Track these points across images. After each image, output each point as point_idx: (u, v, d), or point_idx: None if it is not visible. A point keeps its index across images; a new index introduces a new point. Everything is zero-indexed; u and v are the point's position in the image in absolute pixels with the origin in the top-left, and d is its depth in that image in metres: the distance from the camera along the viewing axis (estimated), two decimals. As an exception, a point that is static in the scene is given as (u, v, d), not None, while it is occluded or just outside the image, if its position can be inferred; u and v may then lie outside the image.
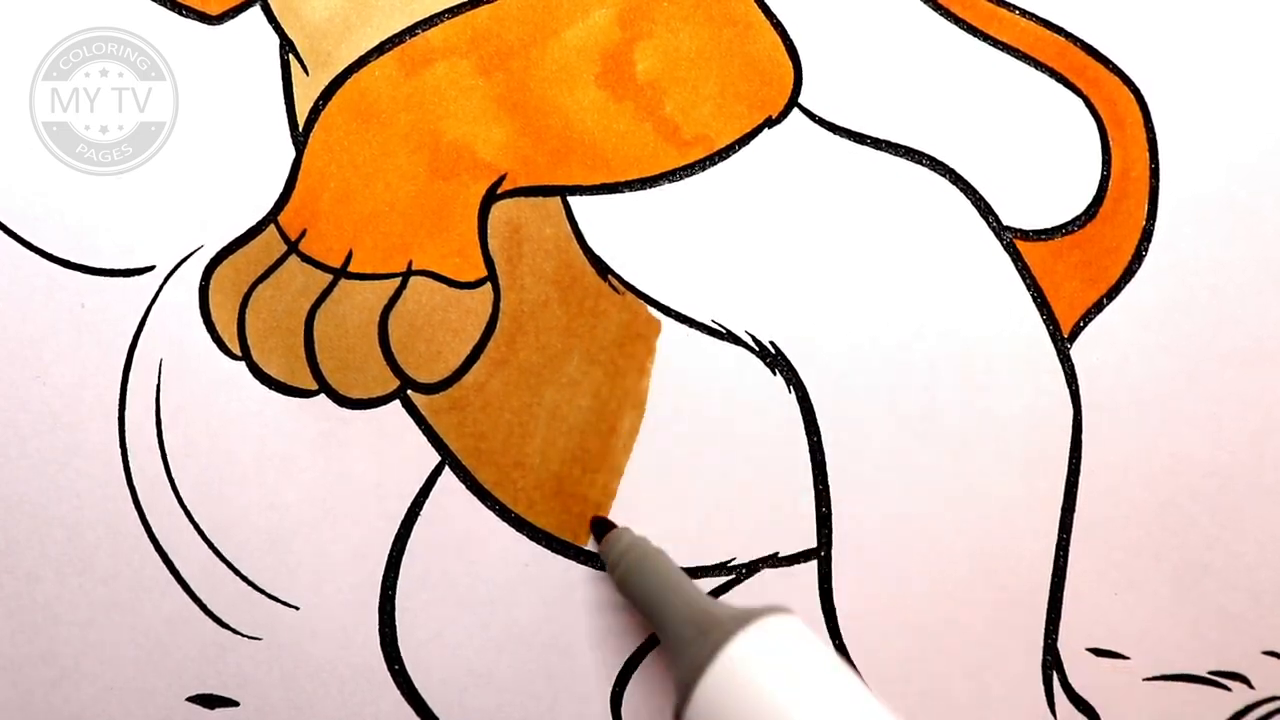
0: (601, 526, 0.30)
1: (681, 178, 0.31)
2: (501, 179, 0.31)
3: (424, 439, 0.30)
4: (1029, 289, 0.31)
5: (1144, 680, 0.31)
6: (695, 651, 0.24)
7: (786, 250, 0.31)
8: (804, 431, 0.30)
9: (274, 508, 0.30)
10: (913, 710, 0.30)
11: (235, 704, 0.30)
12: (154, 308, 0.30)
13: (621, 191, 0.31)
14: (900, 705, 0.30)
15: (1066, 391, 0.31)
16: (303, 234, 0.30)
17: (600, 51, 0.31)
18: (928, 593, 0.30)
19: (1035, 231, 0.31)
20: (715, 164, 0.31)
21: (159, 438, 0.30)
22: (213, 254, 0.30)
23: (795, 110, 0.31)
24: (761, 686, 0.23)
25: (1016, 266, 0.31)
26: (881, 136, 0.32)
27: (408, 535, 0.30)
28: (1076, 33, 0.32)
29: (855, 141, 0.31)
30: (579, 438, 0.30)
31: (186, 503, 0.30)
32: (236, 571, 0.30)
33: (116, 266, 0.30)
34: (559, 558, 0.30)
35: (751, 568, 0.30)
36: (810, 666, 0.24)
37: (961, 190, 0.31)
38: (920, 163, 0.31)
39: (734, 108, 0.31)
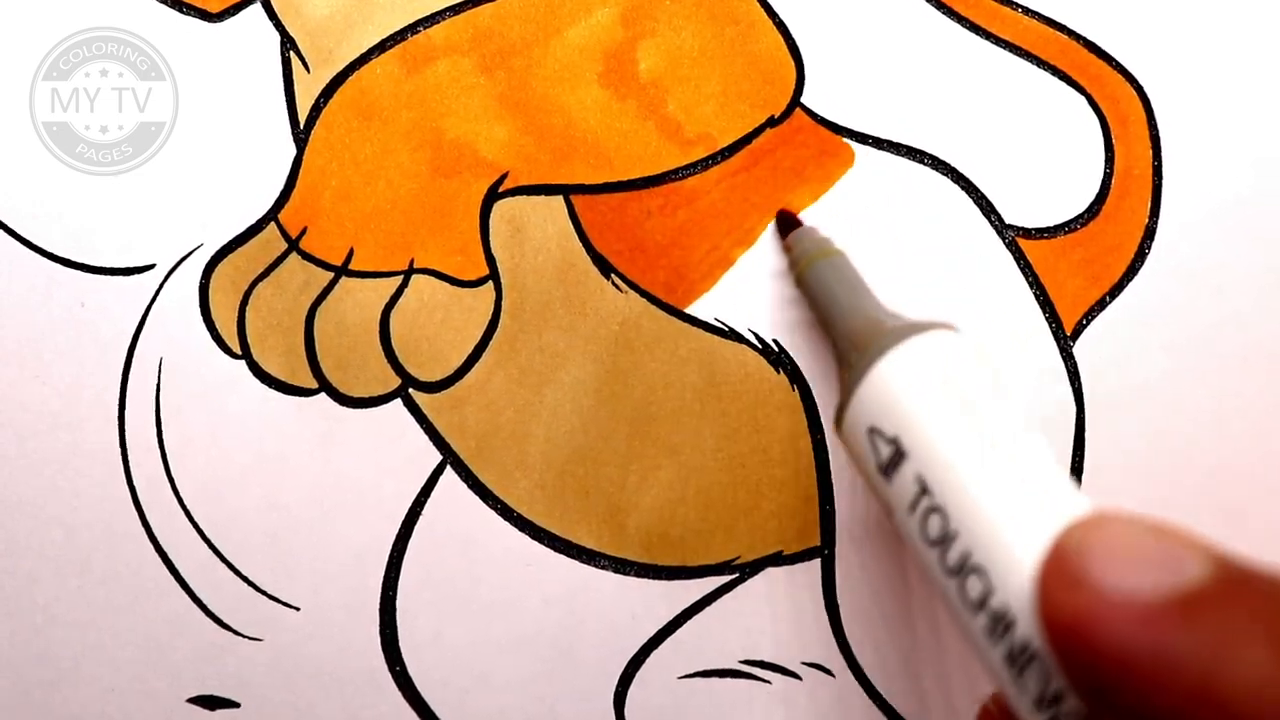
0: (787, 222, 0.30)
1: (684, 177, 0.31)
2: (503, 177, 0.31)
3: (425, 438, 0.30)
4: (1031, 287, 0.31)
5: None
6: (852, 365, 0.25)
7: (789, 249, 0.31)
8: (808, 429, 0.30)
9: (274, 507, 0.30)
10: (915, 709, 0.30)
11: (236, 705, 0.30)
12: (154, 306, 0.30)
13: (624, 190, 0.31)
14: (903, 704, 0.30)
15: (1069, 390, 0.31)
16: (303, 232, 0.30)
17: (603, 50, 0.31)
18: (932, 591, 0.30)
19: (1037, 230, 0.31)
20: (717, 163, 0.31)
21: (159, 437, 0.30)
22: (213, 252, 0.30)
23: (797, 109, 0.31)
24: (904, 406, 0.24)
25: (1019, 265, 0.31)
26: (883, 136, 0.32)
27: (409, 535, 0.30)
28: (1079, 30, 0.32)
29: (857, 141, 0.31)
30: (581, 438, 0.30)
31: (186, 502, 0.30)
32: (236, 572, 0.30)
33: (116, 265, 0.30)
34: (562, 558, 0.30)
35: (755, 566, 0.30)
36: (961, 389, 0.24)
37: (963, 189, 0.31)
38: (922, 162, 0.31)
39: (736, 107, 0.31)
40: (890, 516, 0.25)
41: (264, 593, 0.30)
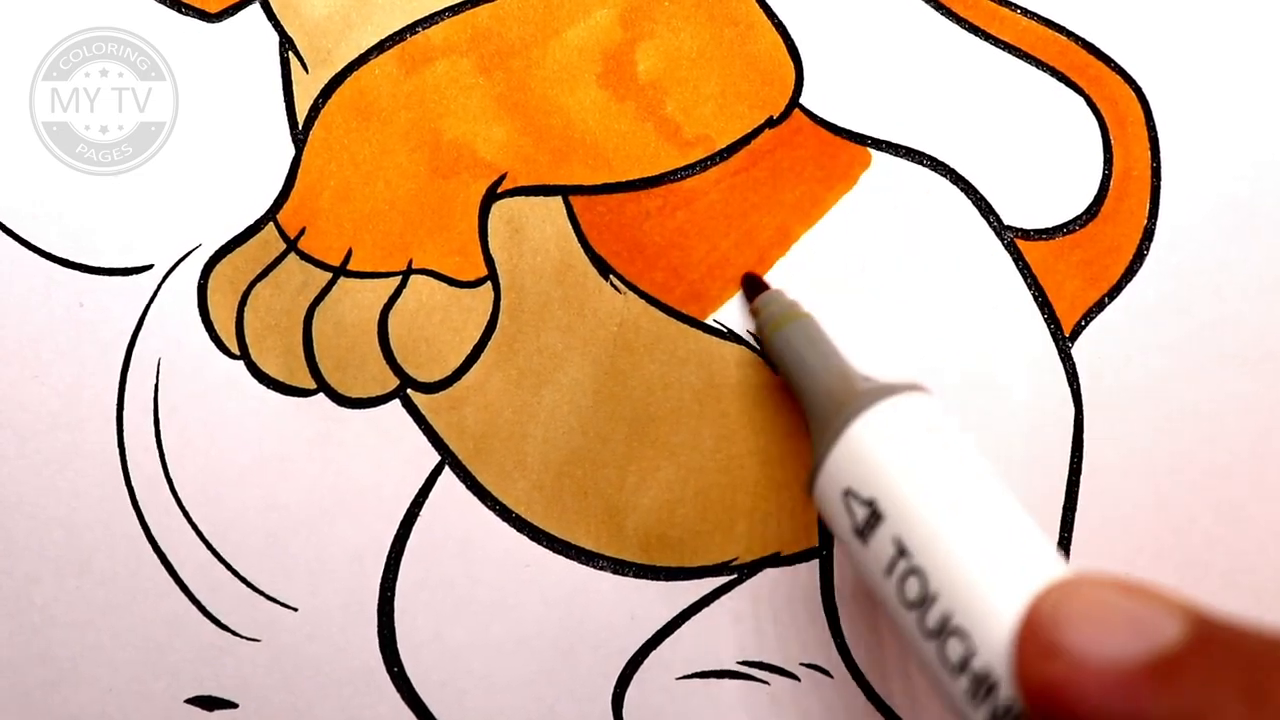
0: (753, 285, 0.30)
1: (683, 177, 0.31)
2: (502, 178, 0.31)
3: (424, 439, 0.30)
4: (1030, 288, 0.31)
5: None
6: (825, 428, 0.25)
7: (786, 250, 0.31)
8: (807, 430, 0.30)
9: (272, 508, 0.30)
10: (915, 710, 0.30)
11: (234, 706, 0.30)
12: (152, 307, 0.30)
13: (623, 191, 0.31)
14: (900, 704, 0.30)
15: (1068, 391, 0.31)
16: (302, 232, 0.30)
17: (602, 51, 0.31)
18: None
19: (1036, 231, 0.31)
20: (716, 164, 0.31)
21: (157, 437, 0.30)
22: (211, 252, 0.30)
23: (796, 110, 0.31)
24: (881, 468, 0.23)
25: (1017, 266, 0.31)
26: (882, 137, 0.32)
27: (407, 536, 0.30)
28: (1078, 31, 0.32)
29: (855, 142, 0.31)
30: (580, 438, 0.30)
31: (185, 503, 0.30)
32: (235, 572, 0.30)
33: (115, 265, 0.30)
34: (560, 559, 0.30)
35: (754, 567, 0.30)
36: (936, 450, 0.24)
37: (962, 190, 0.31)
38: (921, 163, 0.31)
39: (735, 108, 0.31)
40: (865, 580, 0.24)
41: (262, 593, 0.30)
